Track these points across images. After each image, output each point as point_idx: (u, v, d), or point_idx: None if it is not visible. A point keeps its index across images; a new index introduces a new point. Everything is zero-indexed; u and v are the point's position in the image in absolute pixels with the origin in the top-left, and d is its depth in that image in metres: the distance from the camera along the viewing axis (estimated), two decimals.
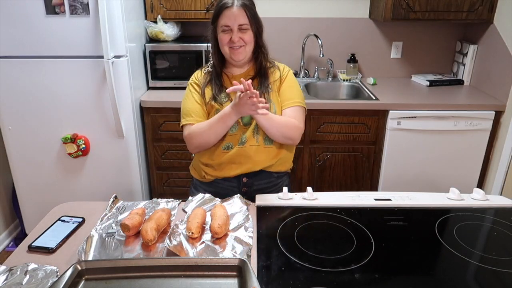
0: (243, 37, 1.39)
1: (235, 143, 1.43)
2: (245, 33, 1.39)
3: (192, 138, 1.42)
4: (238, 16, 1.36)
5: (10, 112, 2.10)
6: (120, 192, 2.06)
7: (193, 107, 1.45)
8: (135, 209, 1.17)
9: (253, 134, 1.43)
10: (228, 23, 1.37)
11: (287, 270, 0.97)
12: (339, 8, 2.67)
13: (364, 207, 1.26)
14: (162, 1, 2.33)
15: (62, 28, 1.95)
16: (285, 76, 1.50)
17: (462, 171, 2.35)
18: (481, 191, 1.31)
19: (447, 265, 0.99)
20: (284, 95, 1.47)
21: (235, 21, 1.36)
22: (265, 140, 1.45)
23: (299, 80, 2.67)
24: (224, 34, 1.39)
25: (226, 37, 1.38)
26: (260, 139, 1.44)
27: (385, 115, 2.26)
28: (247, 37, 1.39)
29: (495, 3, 2.33)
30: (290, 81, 1.50)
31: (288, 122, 1.43)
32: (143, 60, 2.34)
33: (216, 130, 1.39)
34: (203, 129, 1.40)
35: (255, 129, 1.43)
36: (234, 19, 1.36)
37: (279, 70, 1.50)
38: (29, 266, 0.96)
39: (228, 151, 1.44)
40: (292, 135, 1.44)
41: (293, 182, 2.40)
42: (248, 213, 1.19)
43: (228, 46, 1.40)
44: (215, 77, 1.47)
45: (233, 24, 1.37)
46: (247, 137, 1.43)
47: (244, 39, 1.39)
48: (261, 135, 1.44)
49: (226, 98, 1.44)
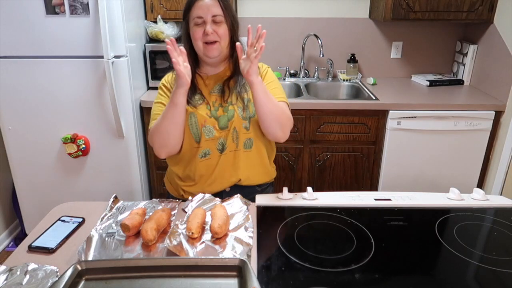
0: (217, 30, 1.28)
1: (213, 149, 1.35)
2: (220, 26, 1.29)
3: (153, 137, 1.32)
4: (211, 6, 1.27)
5: (10, 112, 2.10)
6: (120, 192, 2.06)
7: (159, 111, 1.35)
8: (135, 209, 1.17)
9: (233, 139, 1.35)
10: (201, 13, 1.27)
11: (287, 270, 0.97)
12: (339, 8, 2.67)
13: (364, 207, 1.25)
14: (162, 1, 2.33)
15: (62, 28, 1.95)
16: (264, 73, 1.41)
17: (462, 171, 2.35)
18: (481, 191, 1.31)
19: (447, 265, 0.99)
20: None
21: (208, 11, 1.27)
22: (245, 144, 1.37)
23: (299, 80, 2.68)
24: (197, 28, 1.29)
25: (199, 31, 1.28)
26: (240, 143, 1.36)
27: (385, 115, 2.26)
28: (222, 30, 1.29)
29: (495, 3, 2.33)
30: (271, 78, 1.42)
31: (282, 107, 1.34)
32: (143, 60, 2.34)
33: (168, 114, 1.27)
34: (159, 121, 1.30)
35: (234, 133, 1.35)
36: (207, 9, 1.27)
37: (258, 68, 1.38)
38: (29, 266, 0.95)
39: (207, 159, 1.36)
40: (284, 123, 1.34)
41: (293, 182, 2.41)
42: (248, 213, 1.19)
43: (202, 41, 1.29)
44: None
45: (206, 15, 1.27)
46: (226, 142, 1.35)
47: (218, 32, 1.28)
48: (240, 139, 1.36)
49: (200, 101, 1.36)
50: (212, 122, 1.35)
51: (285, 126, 1.35)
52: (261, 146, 1.42)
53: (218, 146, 1.35)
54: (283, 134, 1.36)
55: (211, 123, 1.35)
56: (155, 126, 1.32)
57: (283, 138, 1.37)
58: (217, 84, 1.39)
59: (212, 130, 1.34)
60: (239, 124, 1.35)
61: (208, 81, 1.39)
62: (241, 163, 1.38)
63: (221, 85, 1.38)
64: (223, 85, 1.38)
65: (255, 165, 1.42)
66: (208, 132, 1.34)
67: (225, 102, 1.36)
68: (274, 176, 1.53)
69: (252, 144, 1.39)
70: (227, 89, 1.37)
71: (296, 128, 2.28)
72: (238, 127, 1.35)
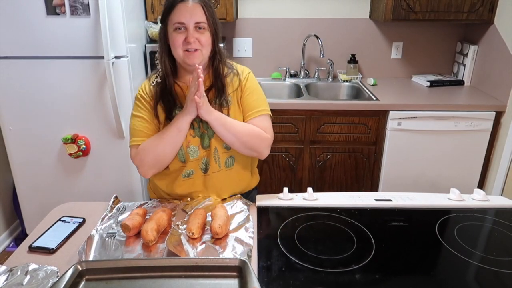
0: (200, 38, 1.19)
1: (196, 169, 1.30)
2: (202, 33, 1.20)
3: (145, 156, 1.24)
4: (194, 12, 1.17)
5: (10, 113, 2.10)
6: (120, 192, 2.05)
7: (140, 126, 1.27)
8: (136, 210, 1.17)
9: (215, 159, 1.30)
10: (183, 19, 1.17)
11: (288, 270, 0.97)
12: (340, 9, 2.67)
13: (365, 207, 1.25)
14: (162, 2, 2.33)
15: (62, 29, 1.95)
16: (245, 82, 1.32)
17: (463, 172, 2.35)
18: (482, 191, 1.31)
19: (447, 266, 0.99)
20: (246, 105, 1.31)
21: (191, 18, 1.17)
22: (226, 163, 1.31)
23: (299, 81, 2.68)
24: (178, 34, 1.19)
25: (180, 37, 1.19)
26: (221, 163, 1.31)
27: (386, 116, 2.26)
28: (204, 38, 1.20)
29: (495, 4, 2.33)
30: (252, 87, 1.32)
31: (251, 131, 1.27)
32: (144, 60, 2.34)
33: (169, 139, 1.23)
34: (154, 143, 1.24)
35: (215, 153, 1.30)
36: (189, 15, 1.17)
37: (238, 76, 1.32)
38: (29, 266, 0.96)
39: (190, 178, 1.31)
40: (257, 146, 1.28)
41: (293, 182, 2.41)
42: (248, 213, 1.19)
43: (182, 49, 1.20)
44: (166, 92, 1.27)
45: (189, 22, 1.17)
46: (210, 163, 1.30)
47: (201, 40, 1.20)
48: (221, 159, 1.30)
49: None
50: (196, 142, 1.29)
51: (258, 148, 1.29)
52: (243, 161, 1.37)
53: (201, 166, 1.31)
54: (258, 154, 1.31)
55: (195, 142, 1.29)
56: (147, 146, 1.25)
57: (262, 156, 1.32)
58: None
59: (197, 150, 1.29)
60: (219, 144, 1.30)
61: (188, 91, 1.26)
62: (225, 183, 1.33)
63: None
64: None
65: (239, 181, 1.37)
66: (192, 153, 1.29)
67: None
68: (258, 180, 1.49)
69: (234, 162, 1.34)
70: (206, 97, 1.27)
71: (296, 129, 2.28)
72: (219, 147, 1.30)
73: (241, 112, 1.32)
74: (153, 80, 1.31)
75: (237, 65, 1.36)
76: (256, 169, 1.49)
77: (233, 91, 1.31)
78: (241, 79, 1.32)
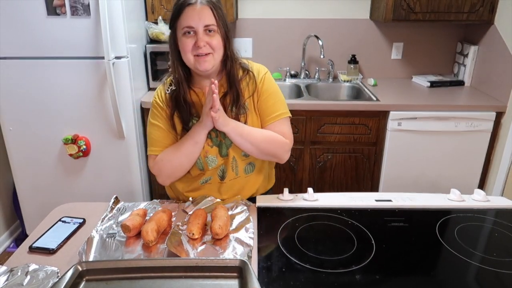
0: (210, 42, 1.15)
1: (214, 176, 1.30)
2: (213, 37, 1.16)
3: (162, 167, 1.25)
4: (203, 15, 1.13)
5: (11, 113, 2.10)
6: (120, 193, 2.05)
7: (158, 136, 1.27)
8: (136, 210, 1.17)
9: (232, 168, 1.29)
10: (192, 23, 1.13)
11: (288, 271, 0.97)
12: (340, 9, 2.67)
13: (365, 208, 1.25)
14: (163, 2, 2.34)
15: (63, 29, 1.96)
16: (261, 85, 1.27)
17: (463, 172, 2.35)
18: (482, 192, 1.31)
19: (448, 266, 0.99)
20: (264, 109, 1.27)
21: (200, 21, 1.13)
22: (245, 170, 1.31)
23: (300, 81, 2.68)
24: (187, 39, 1.15)
25: (190, 42, 1.15)
26: (240, 171, 1.30)
27: (386, 116, 2.25)
28: (215, 42, 1.16)
29: (495, 4, 2.33)
30: (268, 90, 1.28)
31: (269, 137, 1.25)
32: (144, 61, 2.34)
33: (186, 150, 1.22)
34: (171, 154, 1.24)
35: (233, 161, 1.29)
36: (198, 18, 1.12)
37: (254, 78, 1.27)
38: (29, 267, 0.96)
39: (208, 183, 1.32)
40: (276, 152, 1.27)
41: (293, 183, 2.41)
42: (248, 214, 1.19)
43: (192, 54, 1.16)
44: (181, 102, 1.23)
45: (198, 25, 1.13)
46: (227, 171, 1.29)
47: (211, 44, 1.15)
48: (240, 166, 1.29)
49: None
50: (214, 151, 1.28)
51: (276, 153, 1.28)
52: (262, 167, 1.37)
53: (219, 173, 1.31)
54: (278, 159, 1.30)
55: (213, 152, 1.28)
56: (165, 157, 1.25)
57: (282, 161, 1.31)
58: None
59: (215, 160, 1.28)
60: (237, 153, 1.29)
61: (204, 98, 1.25)
62: (242, 188, 1.34)
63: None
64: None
65: (258, 183, 1.38)
66: (211, 162, 1.28)
67: None
68: (273, 183, 1.50)
69: (254, 168, 1.34)
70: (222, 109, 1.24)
71: (296, 129, 2.28)
72: (237, 155, 1.29)
73: (259, 118, 1.29)
74: (167, 88, 1.27)
75: (253, 65, 1.31)
76: (273, 170, 1.49)
77: (250, 96, 1.27)
78: (257, 82, 1.28)
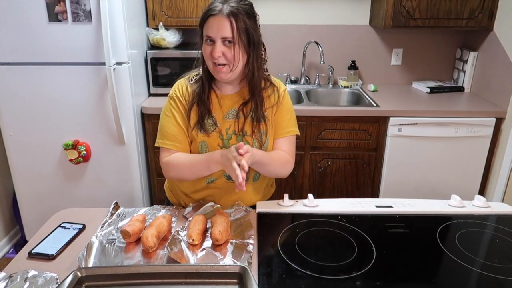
0: (226, 53, 1.15)
1: (220, 176, 1.30)
2: (229, 49, 1.15)
3: (170, 170, 1.27)
4: (222, 27, 1.13)
5: (11, 118, 2.10)
6: (121, 198, 2.05)
7: (172, 130, 1.27)
8: (136, 216, 1.17)
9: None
10: (210, 33, 1.15)
11: (288, 277, 0.96)
12: (340, 15, 2.68)
13: (365, 214, 1.25)
14: (163, 9, 2.35)
15: (64, 35, 1.97)
16: (281, 99, 1.30)
17: (463, 178, 2.35)
18: (483, 198, 1.30)
19: (449, 273, 0.99)
20: (279, 123, 1.30)
21: (218, 33, 1.14)
22: (254, 177, 1.33)
23: (300, 87, 2.69)
24: (207, 46, 1.17)
25: (208, 49, 1.17)
26: (250, 178, 1.32)
27: (386, 122, 2.26)
28: (230, 54, 1.15)
29: (495, 10, 2.34)
30: (287, 105, 1.32)
31: (281, 159, 1.30)
32: (145, 66, 2.35)
33: (197, 171, 1.24)
34: (183, 166, 1.25)
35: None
36: (216, 30, 1.13)
37: (276, 92, 1.30)
38: (29, 273, 0.95)
39: (213, 183, 1.31)
40: (285, 173, 1.33)
41: (293, 188, 2.41)
42: (249, 220, 1.19)
43: (211, 61, 1.18)
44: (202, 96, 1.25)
45: (216, 36, 1.14)
46: None
47: (226, 56, 1.15)
48: (251, 174, 1.31)
49: (213, 127, 1.26)
50: None
51: (284, 174, 1.34)
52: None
53: (225, 173, 1.29)
54: (282, 176, 1.35)
55: None
56: (175, 164, 1.25)
57: (284, 177, 1.36)
58: (232, 109, 1.28)
59: None
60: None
61: (223, 101, 1.27)
62: (252, 193, 1.34)
63: (237, 110, 1.27)
64: (239, 111, 1.27)
65: (263, 190, 1.40)
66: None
67: (240, 131, 1.27)
68: (274, 189, 1.51)
69: (260, 176, 1.35)
70: (242, 115, 1.26)
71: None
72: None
73: (272, 128, 1.31)
74: (192, 77, 1.30)
75: (274, 79, 1.34)
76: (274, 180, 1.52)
77: (270, 107, 1.29)
78: (279, 96, 1.30)
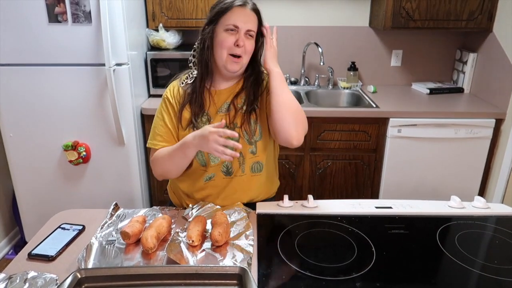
0: (246, 45, 1.20)
1: (217, 172, 1.30)
2: (250, 41, 1.21)
3: (155, 166, 1.29)
4: (250, 20, 1.19)
5: (11, 119, 2.10)
6: (120, 199, 2.05)
7: (161, 130, 1.29)
8: (136, 217, 1.17)
9: (239, 164, 1.30)
10: (238, 23, 1.17)
11: (288, 278, 0.96)
12: (339, 17, 2.69)
13: (365, 215, 1.25)
14: (163, 10, 2.35)
15: (64, 36, 1.97)
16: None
17: (463, 179, 2.35)
18: (482, 199, 1.30)
19: (448, 274, 0.99)
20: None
21: (245, 24, 1.18)
22: (252, 168, 1.31)
23: (300, 88, 2.69)
24: (229, 35, 1.18)
25: (230, 39, 1.18)
26: (246, 168, 1.30)
27: (386, 123, 2.26)
28: (250, 47, 1.21)
29: (494, 12, 2.35)
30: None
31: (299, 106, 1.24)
32: (145, 68, 2.35)
33: (175, 161, 1.23)
34: (163, 159, 1.26)
35: (240, 158, 1.29)
36: (245, 21, 1.18)
37: (267, 76, 1.29)
38: (28, 274, 0.95)
39: (212, 181, 1.31)
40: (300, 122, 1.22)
41: (293, 190, 2.40)
42: (248, 221, 1.19)
43: (227, 52, 1.19)
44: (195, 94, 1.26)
45: (243, 27, 1.18)
46: (232, 166, 1.29)
47: (246, 47, 1.20)
48: (247, 164, 1.30)
49: (207, 123, 1.26)
50: None
51: (300, 124, 1.22)
52: (271, 167, 1.39)
53: (222, 169, 1.31)
54: (297, 134, 1.20)
55: None
56: (158, 159, 1.27)
57: (297, 140, 1.21)
58: (225, 102, 1.30)
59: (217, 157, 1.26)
60: (245, 150, 1.29)
61: (216, 97, 1.29)
62: (252, 187, 1.34)
63: (229, 103, 1.29)
64: (230, 104, 1.29)
65: (265, 185, 1.38)
66: (214, 159, 1.29)
67: (231, 123, 1.28)
68: (278, 186, 1.50)
69: (262, 168, 1.33)
70: (233, 108, 1.28)
71: None
72: (244, 152, 1.29)
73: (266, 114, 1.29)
74: (183, 80, 1.31)
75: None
76: (277, 172, 1.49)
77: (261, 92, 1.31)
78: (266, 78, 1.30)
